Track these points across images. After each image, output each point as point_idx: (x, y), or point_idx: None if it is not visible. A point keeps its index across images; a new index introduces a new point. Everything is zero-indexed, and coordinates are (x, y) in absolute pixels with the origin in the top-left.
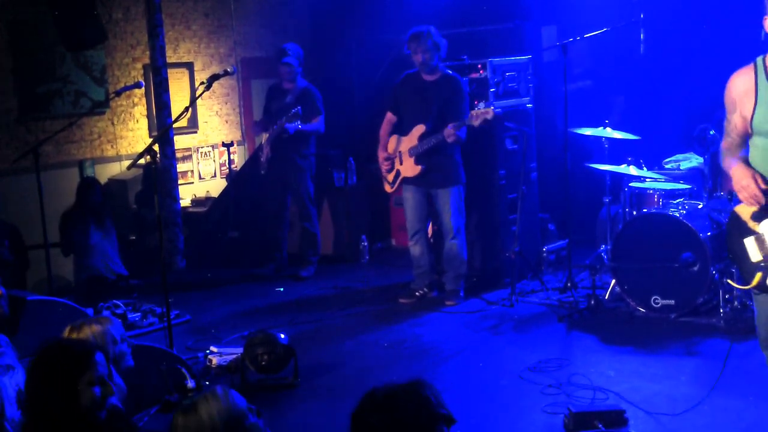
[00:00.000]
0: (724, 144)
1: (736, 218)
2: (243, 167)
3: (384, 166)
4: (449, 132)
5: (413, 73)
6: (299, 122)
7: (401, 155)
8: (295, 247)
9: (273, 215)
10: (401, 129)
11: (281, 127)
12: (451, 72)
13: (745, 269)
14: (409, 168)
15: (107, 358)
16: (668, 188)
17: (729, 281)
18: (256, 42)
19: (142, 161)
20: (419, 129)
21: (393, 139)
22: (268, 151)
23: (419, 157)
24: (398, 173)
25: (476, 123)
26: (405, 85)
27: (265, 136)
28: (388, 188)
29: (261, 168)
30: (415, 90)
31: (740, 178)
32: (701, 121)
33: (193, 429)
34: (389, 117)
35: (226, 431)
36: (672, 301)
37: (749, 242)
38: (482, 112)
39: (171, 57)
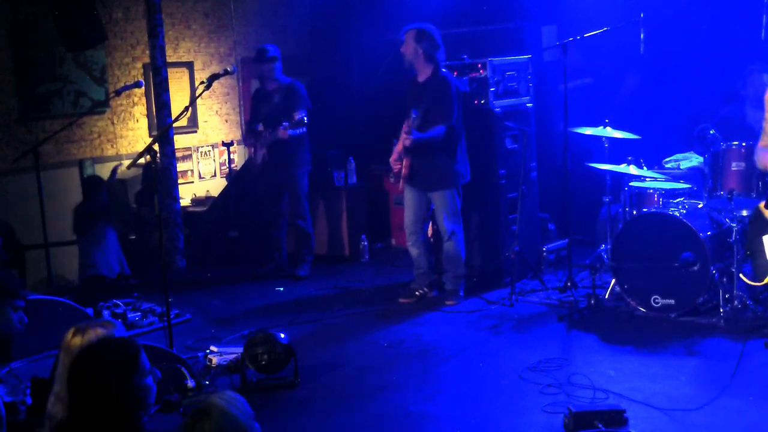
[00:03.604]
0: (761, 143)
1: (759, 215)
2: (243, 166)
3: (395, 167)
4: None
5: (413, 76)
6: (302, 129)
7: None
8: (291, 246)
9: (269, 215)
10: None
11: (284, 134)
12: (443, 72)
13: (760, 266)
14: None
15: None
16: (668, 188)
17: (742, 276)
18: (256, 42)
19: (142, 161)
20: (404, 127)
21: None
22: (264, 153)
23: (399, 157)
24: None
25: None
26: (408, 87)
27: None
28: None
29: (255, 168)
30: (411, 92)
31: None
32: (701, 121)
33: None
34: None
35: None
36: (672, 301)
37: (767, 240)
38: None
39: (171, 57)
